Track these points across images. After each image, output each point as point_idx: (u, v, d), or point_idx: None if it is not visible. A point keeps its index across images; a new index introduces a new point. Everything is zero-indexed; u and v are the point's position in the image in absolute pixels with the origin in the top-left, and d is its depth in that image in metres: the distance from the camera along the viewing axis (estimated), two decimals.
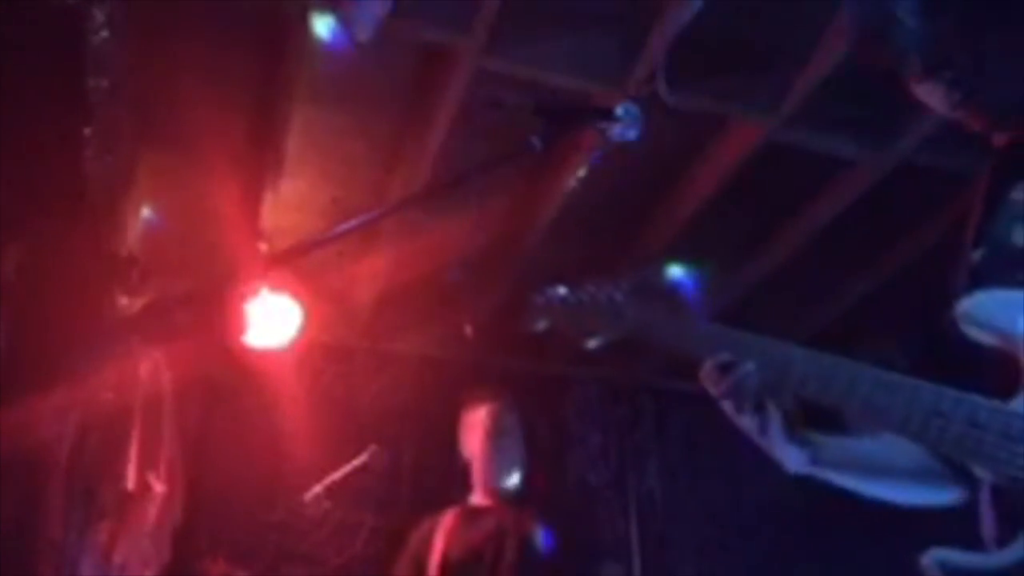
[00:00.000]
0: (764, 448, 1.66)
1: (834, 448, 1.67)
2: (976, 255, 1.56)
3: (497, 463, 3.55)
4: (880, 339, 4.69)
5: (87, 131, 3.17)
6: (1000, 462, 1.35)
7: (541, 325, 1.86)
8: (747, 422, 1.64)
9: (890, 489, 1.69)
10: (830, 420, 1.65)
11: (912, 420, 1.43)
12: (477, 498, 3.59)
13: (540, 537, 3.37)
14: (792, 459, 1.65)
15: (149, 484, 3.72)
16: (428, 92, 3.86)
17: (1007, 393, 1.40)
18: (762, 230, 4.66)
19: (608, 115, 1.87)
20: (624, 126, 1.87)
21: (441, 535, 3.47)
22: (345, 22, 3.21)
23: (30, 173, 2.90)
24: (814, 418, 1.65)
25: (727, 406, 1.63)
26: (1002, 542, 1.35)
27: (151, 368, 3.77)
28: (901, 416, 1.44)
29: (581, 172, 4.01)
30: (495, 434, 3.58)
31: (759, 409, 1.62)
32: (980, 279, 1.50)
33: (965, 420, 1.38)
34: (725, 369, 1.60)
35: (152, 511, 3.73)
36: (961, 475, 1.59)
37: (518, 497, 3.53)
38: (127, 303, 3.71)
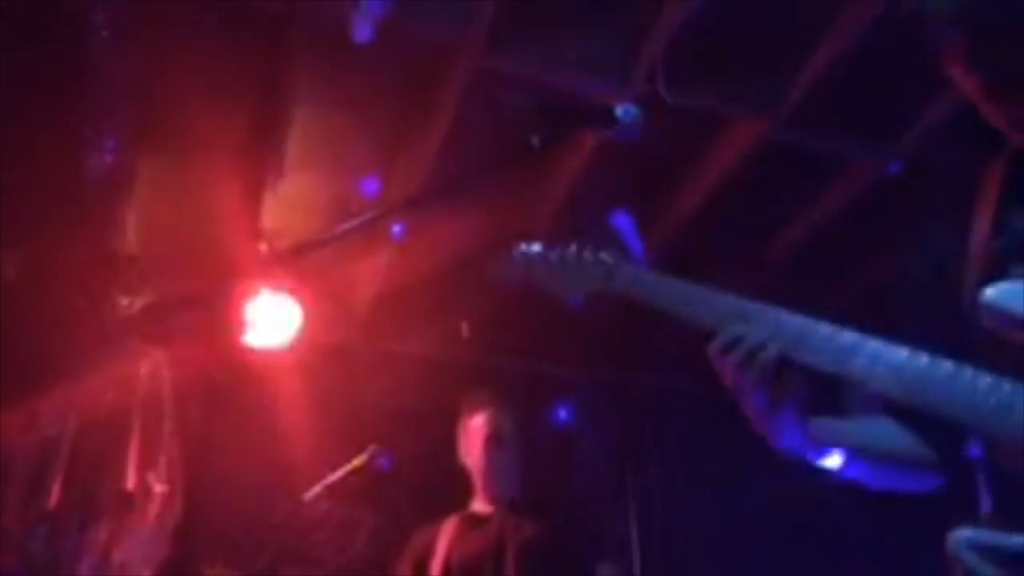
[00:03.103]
0: (760, 423, 1.55)
1: (822, 426, 1.60)
2: (995, 245, 1.54)
3: (496, 471, 3.50)
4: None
5: (87, 131, 3.17)
6: None
7: (516, 277, 1.86)
8: (759, 398, 1.52)
9: (871, 471, 1.63)
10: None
11: (942, 403, 1.39)
12: (478, 505, 3.54)
13: (541, 545, 3.33)
14: (786, 434, 1.56)
15: (149, 484, 3.73)
16: (428, 92, 3.86)
17: None
18: (761, 230, 4.66)
19: (608, 115, 1.87)
20: (624, 126, 1.86)
21: (443, 542, 3.42)
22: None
23: (30, 174, 2.90)
24: None
25: (740, 381, 1.51)
26: None
27: (151, 368, 3.77)
28: (935, 398, 1.40)
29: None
30: (494, 441, 3.51)
31: (772, 383, 1.51)
32: (1001, 269, 1.48)
33: (1002, 403, 1.35)
34: (738, 341, 1.52)
35: (152, 511, 3.73)
36: (944, 461, 1.58)
37: (518, 503, 3.48)
38: (127, 303, 3.71)
